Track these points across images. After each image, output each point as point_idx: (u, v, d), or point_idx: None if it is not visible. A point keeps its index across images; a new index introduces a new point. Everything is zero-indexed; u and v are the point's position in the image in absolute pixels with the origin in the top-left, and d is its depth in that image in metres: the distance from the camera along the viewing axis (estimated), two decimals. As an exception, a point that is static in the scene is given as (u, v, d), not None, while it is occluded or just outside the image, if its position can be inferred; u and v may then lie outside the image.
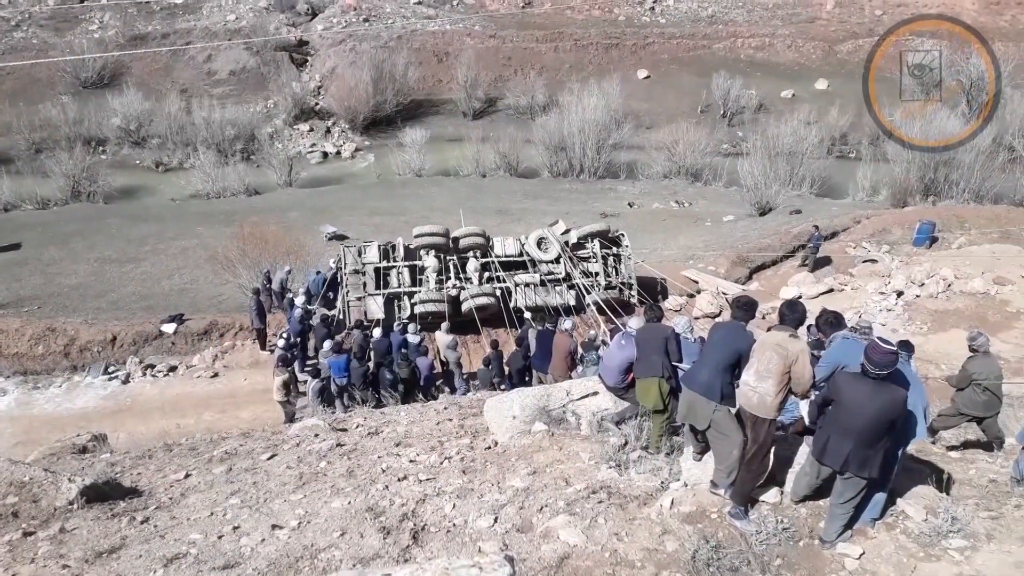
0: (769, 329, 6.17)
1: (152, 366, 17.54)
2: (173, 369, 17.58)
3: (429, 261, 18.37)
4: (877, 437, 5.26)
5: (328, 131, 47.40)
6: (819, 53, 55.86)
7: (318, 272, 19.51)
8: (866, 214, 28.98)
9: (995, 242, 24.10)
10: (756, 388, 5.76)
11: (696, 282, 22.31)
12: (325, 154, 45.64)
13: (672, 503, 6.07)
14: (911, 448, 5.86)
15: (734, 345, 6.07)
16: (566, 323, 13.71)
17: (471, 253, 18.87)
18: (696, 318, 20.45)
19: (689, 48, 55.95)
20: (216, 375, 17.28)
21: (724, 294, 21.55)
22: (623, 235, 20.59)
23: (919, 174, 34.20)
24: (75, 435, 10.72)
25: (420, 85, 49.80)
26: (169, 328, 18.33)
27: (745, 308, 6.34)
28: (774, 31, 57.57)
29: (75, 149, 35.94)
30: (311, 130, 47.23)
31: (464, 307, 18.07)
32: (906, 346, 10.54)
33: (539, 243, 19.33)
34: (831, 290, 21.67)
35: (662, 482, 6.56)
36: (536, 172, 41.82)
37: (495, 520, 5.96)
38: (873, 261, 23.64)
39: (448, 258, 18.73)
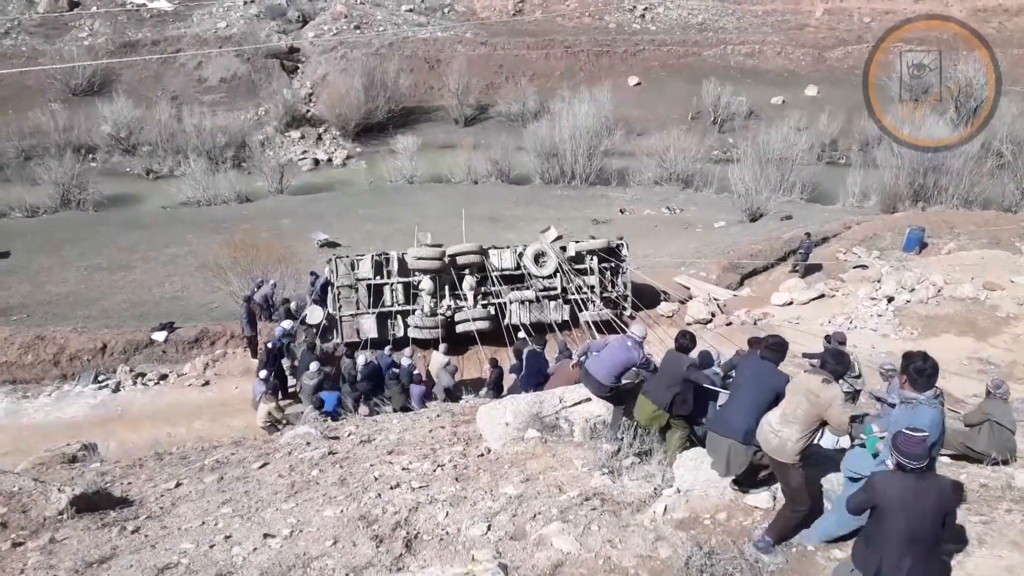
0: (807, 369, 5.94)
1: (143, 374, 17.42)
2: (164, 377, 17.47)
3: (425, 284, 18.09)
4: (935, 540, 4.57)
5: (319, 138, 47.43)
6: (809, 60, 56.26)
7: (313, 273, 19.37)
8: (856, 220, 29.12)
9: (984, 247, 24.27)
10: (778, 432, 5.52)
11: (688, 288, 22.36)
12: (316, 161, 45.65)
13: (665, 509, 6.07)
14: None
15: (770, 384, 5.90)
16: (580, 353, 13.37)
17: (467, 270, 18.66)
18: (688, 324, 20.51)
19: (680, 55, 56.26)
20: (207, 383, 17.17)
21: (716, 300, 21.62)
22: (622, 244, 20.12)
23: (909, 180, 34.46)
24: (65, 444, 10.64)
25: (411, 92, 49.93)
26: (160, 336, 18.22)
27: (775, 349, 6.15)
28: (764, 38, 57.98)
29: (65, 157, 35.89)
30: (302, 137, 47.24)
31: (459, 328, 18.01)
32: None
33: (536, 258, 18.99)
34: (822, 296, 21.74)
35: (655, 488, 6.56)
36: (528, 179, 41.95)
37: (488, 528, 5.94)
38: (864, 267, 23.74)
39: (444, 276, 18.40)
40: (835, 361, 5.60)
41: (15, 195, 33.69)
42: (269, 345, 15.53)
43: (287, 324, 16.44)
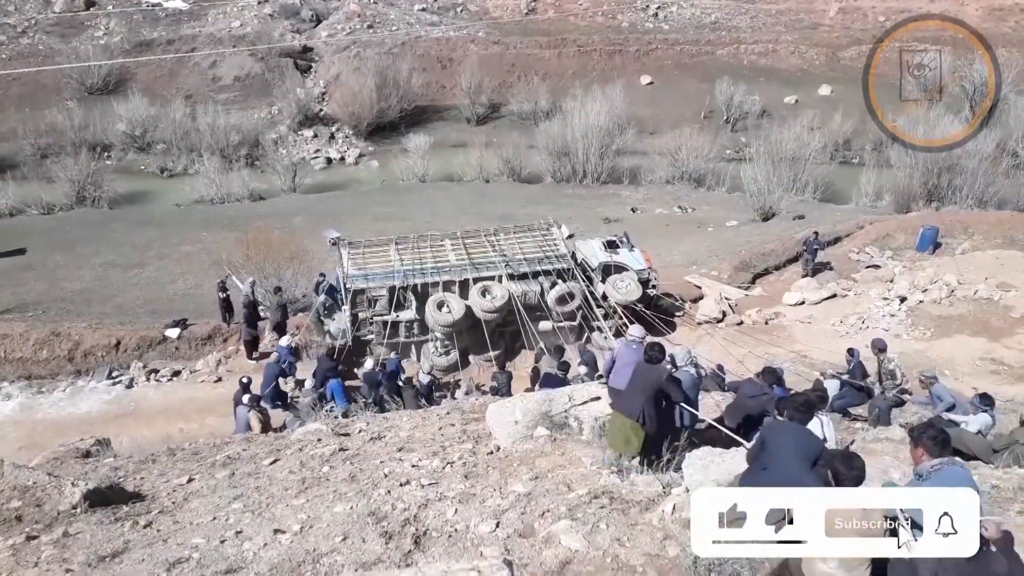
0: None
1: (156, 371, 17.58)
2: (177, 374, 17.63)
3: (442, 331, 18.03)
4: None
5: (332, 137, 47.51)
6: (822, 59, 55.84)
7: (322, 275, 19.41)
8: (869, 219, 28.94)
9: (999, 247, 24.08)
10: None
11: (699, 287, 22.31)
12: (329, 160, 45.73)
13: (674, 508, 6.06)
14: None
15: (810, 450, 5.48)
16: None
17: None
18: (699, 323, 20.46)
19: (692, 54, 55.97)
20: (219, 380, 17.30)
21: (727, 299, 21.56)
22: (654, 279, 19.51)
23: (922, 179, 34.18)
24: (79, 439, 10.78)
25: (424, 91, 49.87)
26: (173, 333, 18.37)
27: (804, 410, 5.92)
28: (777, 37, 57.58)
29: (80, 155, 36.03)
30: (315, 136, 47.34)
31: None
32: (986, 400, 9.88)
33: (561, 299, 18.32)
34: (834, 295, 21.64)
35: (664, 487, 6.56)
36: (539, 178, 41.86)
37: (497, 525, 5.96)
38: (876, 266, 23.62)
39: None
40: (847, 469, 4.64)
41: (31, 192, 33.95)
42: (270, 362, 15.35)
43: (285, 341, 16.26)
